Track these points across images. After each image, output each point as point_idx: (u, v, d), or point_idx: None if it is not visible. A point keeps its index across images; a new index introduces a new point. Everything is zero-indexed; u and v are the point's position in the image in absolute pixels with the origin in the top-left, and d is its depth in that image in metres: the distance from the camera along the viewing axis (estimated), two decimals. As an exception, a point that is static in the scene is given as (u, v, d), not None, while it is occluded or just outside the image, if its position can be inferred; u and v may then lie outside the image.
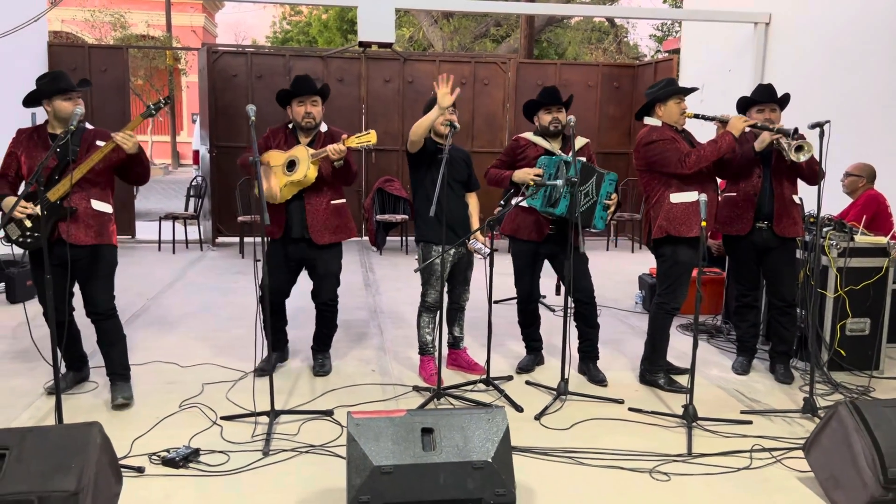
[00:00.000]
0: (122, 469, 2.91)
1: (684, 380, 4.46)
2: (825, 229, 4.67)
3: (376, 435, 2.77)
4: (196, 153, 11.40)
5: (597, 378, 4.52)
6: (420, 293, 4.47)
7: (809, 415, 3.94)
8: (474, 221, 4.52)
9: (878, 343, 4.71)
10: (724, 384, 4.55)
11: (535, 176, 4.31)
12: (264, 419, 3.74)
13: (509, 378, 4.53)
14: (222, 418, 3.82)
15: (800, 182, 4.45)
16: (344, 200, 4.47)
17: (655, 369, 4.44)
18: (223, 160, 9.48)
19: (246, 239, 9.09)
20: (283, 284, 4.48)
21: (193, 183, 9.82)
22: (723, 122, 4.31)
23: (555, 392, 4.20)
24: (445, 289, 4.41)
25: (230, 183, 9.13)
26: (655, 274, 4.60)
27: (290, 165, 4.26)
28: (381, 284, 7.36)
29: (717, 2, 8.43)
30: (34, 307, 4.08)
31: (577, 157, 4.23)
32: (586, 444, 3.59)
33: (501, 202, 8.43)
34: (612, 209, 4.40)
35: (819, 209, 3.95)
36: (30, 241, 3.76)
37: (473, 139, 10.10)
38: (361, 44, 7.17)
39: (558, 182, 4.19)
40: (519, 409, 4.01)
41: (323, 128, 4.41)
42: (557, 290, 6.55)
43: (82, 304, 3.97)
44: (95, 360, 4.47)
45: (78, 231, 3.79)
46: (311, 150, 4.22)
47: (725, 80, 8.32)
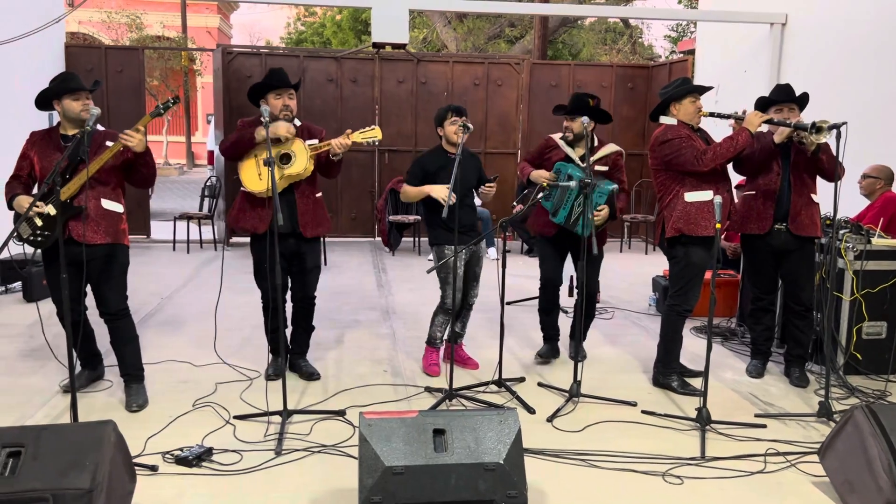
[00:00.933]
0: (135, 467, 2.93)
1: (697, 382, 4.45)
2: (841, 232, 4.62)
3: (388, 435, 2.77)
4: (210, 153, 11.44)
5: (582, 355, 4.70)
6: (439, 295, 4.59)
7: (825, 419, 3.90)
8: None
9: (894, 347, 4.65)
10: (739, 387, 4.52)
11: (546, 179, 4.55)
12: (277, 419, 3.76)
13: (521, 379, 4.52)
14: (235, 417, 3.84)
15: (819, 183, 4.42)
16: (321, 194, 4.45)
17: (668, 372, 4.42)
18: (237, 160, 9.51)
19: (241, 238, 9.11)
20: (283, 280, 4.47)
21: (208, 183, 9.87)
22: (739, 120, 4.28)
23: (567, 394, 4.18)
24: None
25: (244, 183, 9.16)
26: (668, 275, 4.57)
27: (285, 158, 4.17)
28: (393, 285, 7.36)
29: (733, 2, 8.38)
30: (48, 306, 4.11)
31: (596, 167, 4.51)
32: (599, 446, 3.58)
33: (514, 203, 8.46)
34: (599, 220, 4.46)
35: (836, 210, 3.91)
36: (40, 239, 3.80)
37: (486, 140, 10.10)
38: (375, 45, 7.18)
39: (572, 184, 4.25)
40: (531, 410, 4.00)
41: (296, 122, 4.35)
42: (570, 292, 6.54)
43: (94, 304, 3.99)
44: (110, 358, 4.49)
45: (88, 231, 3.81)
46: (311, 143, 4.19)
47: (741, 80, 8.26)
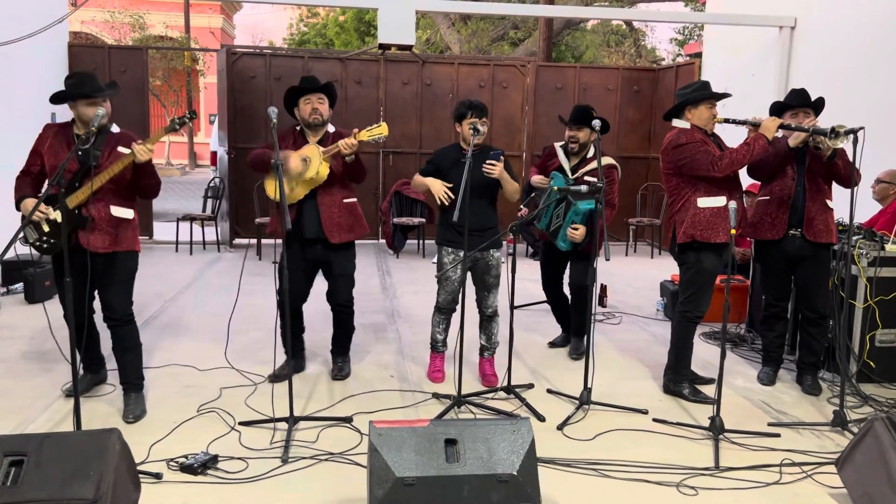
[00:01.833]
0: (140, 475, 2.87)
1: (708, 390, 4.39)
2: (854, 238, 4.56)
3: (399, 445, 2.71)
4: (213, 154, 11.37)
5: (576, 348, 5.08)
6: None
7: (839, 428, 3.84)
8: None
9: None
10: (750, 395, 4.46)
11: (540, 183, 4.88)
12: (282, 425, 3.70)
13: (530, 386, 4.45)
14: (240, 424, 3.78)
15: (833, 188, 4.36)
16: (355, 199, 4.44)
17: (679, 379, 4.36)
18: (241, 162, 9.46)
19: (263, 241, 9.07)
20: (301, 288, 4.44)
21: (211, 184, 9.82)
22: (755, 126, 4.21)
23: (577, 401, 4.12)
24: (460, 292, 4.30)
25: (248, 184, 9.12)
26: (678, 281, 4.51)
27: (303, 163, 4.20)
28: (398, 288, 7.31)
29: (741, 5, 8.32)
30: (55, 308, 4.04)
31: (586, 178, 4.70)
32: (611, 455, 3.51)
33: (521, 206, 8.42)
34: (574, 238, 4.63)
35: (852, 217, 3.85)
36: (45, 246, 3.72)
37: (491, 141, 9.95)
38: (381, 46, 7.12)
39: (582, 188, 4.18)
40: (541, 418, 3.94)
41: (330, 128, 4.38)
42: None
43: (100, 309, 3.93)
44: (113, 362, 4.43)
45: (96, 239, 3.72)
46: (322, 148, 4.18)
47: (749, 84, 8.20)
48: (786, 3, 7.63)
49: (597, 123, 4.29)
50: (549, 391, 4.40)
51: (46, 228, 3.69)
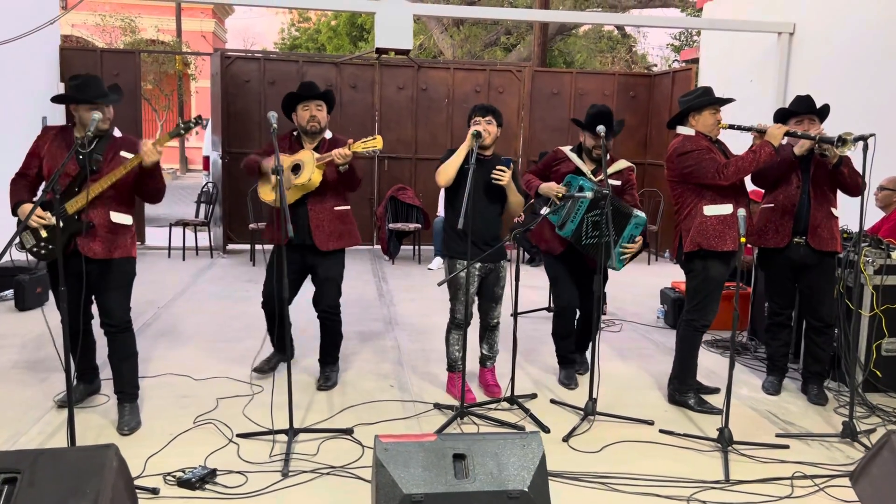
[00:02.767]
0: (136, 491, 2.77)
1: (714, 399, 4.33)
2: (861, 245, 4.50)
3: (406, 461, 2.62)
4: (206, 159, 11.26)
5: (580, 363, 4.83)
6: (448, 308, 4.34)
7: (849, 439, 3.78)
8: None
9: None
10: (756, 405, 4.40)
11: (556, 191, 4.31)
12: (281, 437, 3.61)
13: (533, 396, 4.38)
14: (238, 436, 3.69)
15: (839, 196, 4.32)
16: (348, 207, 4.42)
17: (685, 389, 4.29)
18: (235, 166, 9.34)
19: (257, 246, 8.97)
20: (289, 290, 4.33)
21: (204, 189, 9.71)
22: (760, 132, 4.16)
23: (581, 412, 4.05)
24: (475, 305, 4.25)
25: (242, 189, 9.02)
26: (685, 289, 4.45)
27: (295, 169, 4.19)
28: (394, 295, 7.22)
29: (740, 11, 8.30)
30: (52, 315, 3.92)
31: (610, 180, 4.31)
32: (619, 468, 3.44)
33: (521, 212, 8.31)
34: (631, 252, 4.33)
35: (861, 225, 3.80)
36: (44, 252, 3.60)
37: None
38: (378, 50, 7.06)
39: (588, 194, 4.10)
40: (546, 429, 3.86)
41: (328, 134, 4.37)
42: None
43: (98, 315, 3.82)
44: (107, 371, 4.33)
45: (95, 245, 3.62)
46: (317, 155, 4.15)
47: (746, 90, 8.17)
48: (784, 10, 7.61)
49: (601, 129, 4.21)
50: (552, 401, 4.32)
51: (44, 234, 3.58)
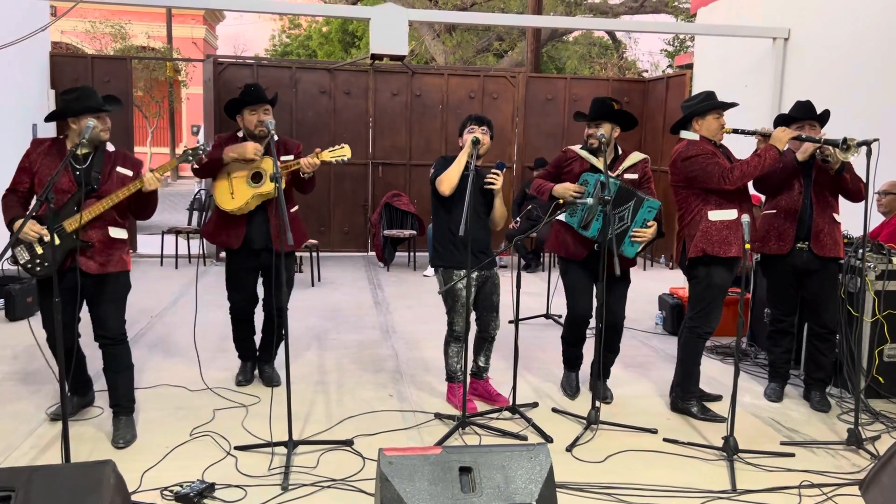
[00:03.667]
0: (134, 508, 2.71)
1: (717, 407, 4.29)
2: (861, 251, 4.48)
3: (411, 475, 2.57)
4: (198, 166, 11.20)
5: (602, 396, 4.41)
6: (445, 321, 4.24)
7: (854, 447, 3.75)
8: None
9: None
10: (759, 412, 4.36)
11: (574, 192, 4.14)
12: (280, 449, 3.54)
13: (534, 405, 4.32)
14: (236, 448, 3.62)
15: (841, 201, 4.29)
16: (297, 207, 4.59)
17: (688, 397, 4.25)
18: (227, 173, 9.29)
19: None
20: (253, 290, 4.56)
21: (196, 196, 9.63)
22: (764, 136, 4.13)
23: (583, 421, 4.00)
24: (472, 316, 4.18)
25: (235, 197, 8.93)
26: (685, 295, 4.41)
27: (256, 177, 4.24)
28: (391, 303, 7.15)
29: (734, 17, 8.30)
30: (39, 327, 3.85)
31: (625, 175, 4.20)
32: (623, 478, 3.39)
33: (517, 218, 8.26)
34: (645, 238, 4.14)
35: (865, 231, 3.77)
36: (38, 269, 3.51)
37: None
38: (373, 56, 7.01)
39: (588, 201, 4.03)
40: (549, 439, 3.80)
41: (274, 136, 4.23)
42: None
43: (91, 329, 3.73)
44: (100, 383, 4.25)
45: (93, 261, 3.57)
46: (284, 160, 4.19)
47: (741, 96, 8.15)
48: (779, 15, 7.61)
49: (603, 136, 4.14)
50: (554, 410, 4.27)
51: (39, 251, 3.50)
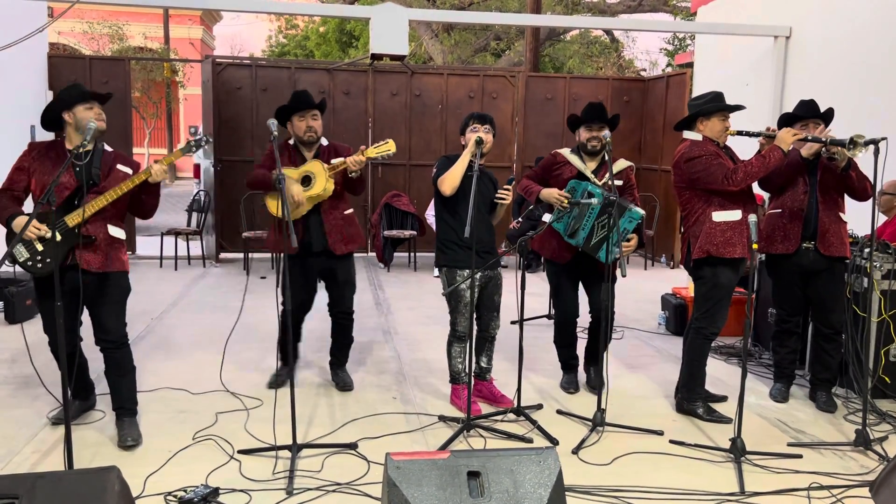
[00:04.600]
0: (138, 514, 2.67)
1: (722, 408, 4.27)
2: (867, 250, 4.46)
3: (419, 479, 2.53)
4: (197, 167, 11.16)
5: (594, 384, 4.53)
6: (448, 321, 4.23)
7: (862, 448, 3.72)
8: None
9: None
10: (765, 412, 4.33)
11: (558, 197, 4.20)
12: (284, 453, 3.51)
13: (539, 406, 4.29)
14: (240, 452, 3.59)
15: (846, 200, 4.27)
16: (352, 209, 4.53)
17: (694, 398, 4.22)
18: (227, 174, 9.26)
19: (254, 255, 8.86)
20: (308, 298, 4.48)
21: (196, 197, 9.59)
22: (769, 137, 4.11)
23: (589, 422, 3.97)
24: (474, 316, 4.16)
25: (234, 197, 8.91)
26: (691, 296, 4.38)
27: (306, 181, 4.23)
28: (392, 303, 7.13)
29: (735, 15, 8.27)
30: (34, 330, 3.80)
31: (612, 182, 4.13)
32: (631, 481, 3.36)
33: (519, 219, 8.23)
34: (625, 250, 4.16)
35: (873, 230, 3.75)
36: (39, 266, 3.47)
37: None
38: (374, 56, 6.97)
39: (594, 201, 4.02)
40: (554, 441, 3.77)
41: (324, 142, 4.42)
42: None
43: (91, 333, 3.70)
44: (102, 386, 4.22)
45: (93, 258, 3.55)
46: (326, 165, 4.18)
47: (742, 94, 8.13)
48: (780, 13, 7.59)
49: (606, 135, 4.13)
50: (559, 412, 4.24)
51: (40, 248, 3.46)
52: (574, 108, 10.00)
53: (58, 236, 3.42)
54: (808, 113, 4.27)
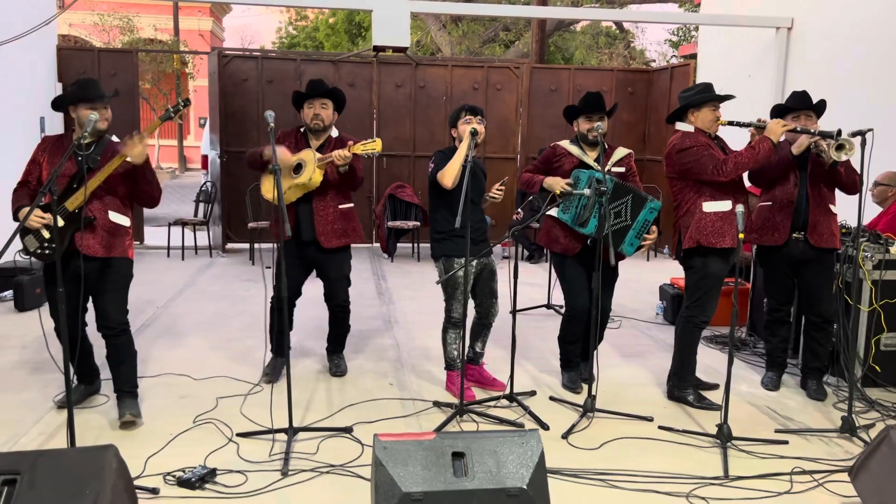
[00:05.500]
0: (136, 490, 2.77)
1: (713, 395, 4.33)
2: (861, 240, 4.51)
3: (405, 459, 2.63)
4: (204, 158, 11.25)
5: (583, 376, 4.53)
6: (444, 308, 4.29)
7: (848, 434, 3.79)
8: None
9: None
10: (755, 400, 4.40)
11: (564, 186, 4.16)
12: (281, 436, 3.61)
13: (532, 393, 4.38)
14: (238, 435, 3.69)
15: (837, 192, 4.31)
16: (352, 205, 4.51)
17: (684, 385, 4.29)
18: (234, 165, 9.37)
19: (257, 245, 8.96)
20: (297, 283, 4.49)
21: (203, 188, 9.71)
22: (759, 128, 4.16)
23: (580, 409, 4.05)
24: (471, 303, 4.25)
25: (241, 188, 9.02)
26: (684, 285, 4.45)
27: (297, 168, 4.28)
28: (393, 293, 7.22)
29: (738, 6, 8.29)
30: (47, 318, 3.93)
31: (614, 168, 4.25)
32: (618, 465, 3.45)
33: (518, 209, 8.30)
34: (647, 242, 4.19)
35: (860, 221, 3.80)
36: (48, 252, 3.62)
37: (486, 145, 9.96)
38: (376, 48, 7.05)
39: (585, 191, 4.05)
40: (545, 426, 3.86)
41: (334, 133, 4.45)
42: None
43: (94, 319, 3.83)
44: (107, 371, 4.33)
45: (93, 242, 3.66)
46: (318, 155, 4.23)
47: (745, 85, 8.17)
48: (783, 4, 7.61)
49: (599, 126, 4.19)
50: (551, 398, 4.33)
51: (47, 235, 3.61)
52: (578, 99, 10.02)
53: (60, 221, 3.55)
54: (800, 104, 4.31)
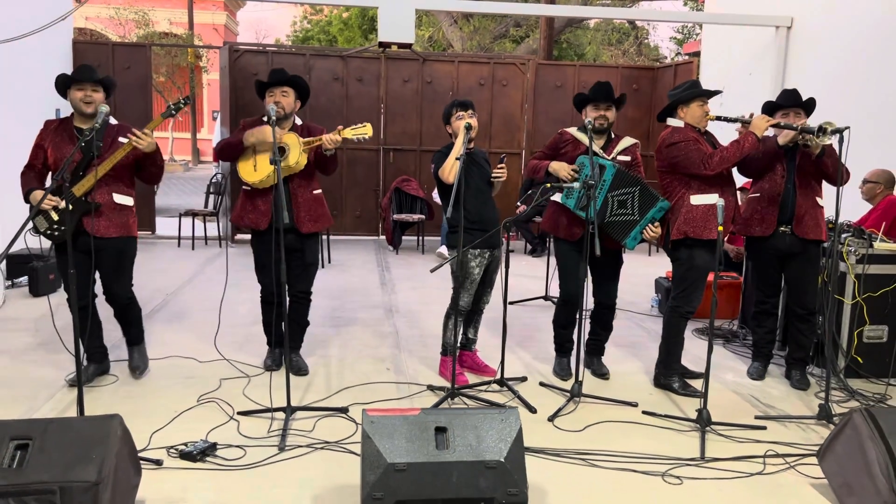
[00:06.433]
0: (141, 461, 2.96)
1: (698, 384, 4.47)
2: (843, 235, 4.64)
3: (391, 433, 2.80)
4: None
5: (600, 371, 4.69)
6: (449, 297, 4.44)
7: (825, 421, 3.92)
8: None
9: (895, 350, 4.67)
10: (740, 389, 4.54)
11: (569, 172, 4.26)
12: (280, 415, 3.79)
13: (523, 379, 4.54)
14: (239, 413, 3.88)
15: (824, 186, 4.44)
16: (321, 191, 4.54)
17: (670, 373, 4.44)
18: (243, 158, 9.55)
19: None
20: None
21: (213, 180, 9.92)
22: (745, 124, 4.30)
23: (568, 394, 4.21)
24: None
25: (249, 180, 9.20)
26: (671, 277, 4.59)
27: (280, 151, 4.24)
28: (396, 283, 7.40)
29: (739, 5, 8.39)
30: (58, 302, 4.19)
31: (619, 158, 4.36)
32: (599, 446, 3.60)
33: (518, 202, 8.45)
34: (649, 235, 4.25)
35: (837, 214, 3.93)
36: (56, 233, 3.97)
37: (491, 140, 10.12)
38: (381, 44, 7.21)
39: (575, 185, 4.18)
40: (532, 410, 4.02)
41: (297, 121, 4.45)
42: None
43: (102, 291, 4.16)
44: (115, 353, 4.55)
45: (100, 224, 3.97)
46: (304, 139, 4.26)
47: (746, 83, 8.27)
48: (783, 4, 7.70)
49: (591, 121, 4.33)
50: (541, 384, 4.49)
51: (56, 217, 3.93)
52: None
53: (69, 206, 3.87)
54: (789, 102, 4.44)
